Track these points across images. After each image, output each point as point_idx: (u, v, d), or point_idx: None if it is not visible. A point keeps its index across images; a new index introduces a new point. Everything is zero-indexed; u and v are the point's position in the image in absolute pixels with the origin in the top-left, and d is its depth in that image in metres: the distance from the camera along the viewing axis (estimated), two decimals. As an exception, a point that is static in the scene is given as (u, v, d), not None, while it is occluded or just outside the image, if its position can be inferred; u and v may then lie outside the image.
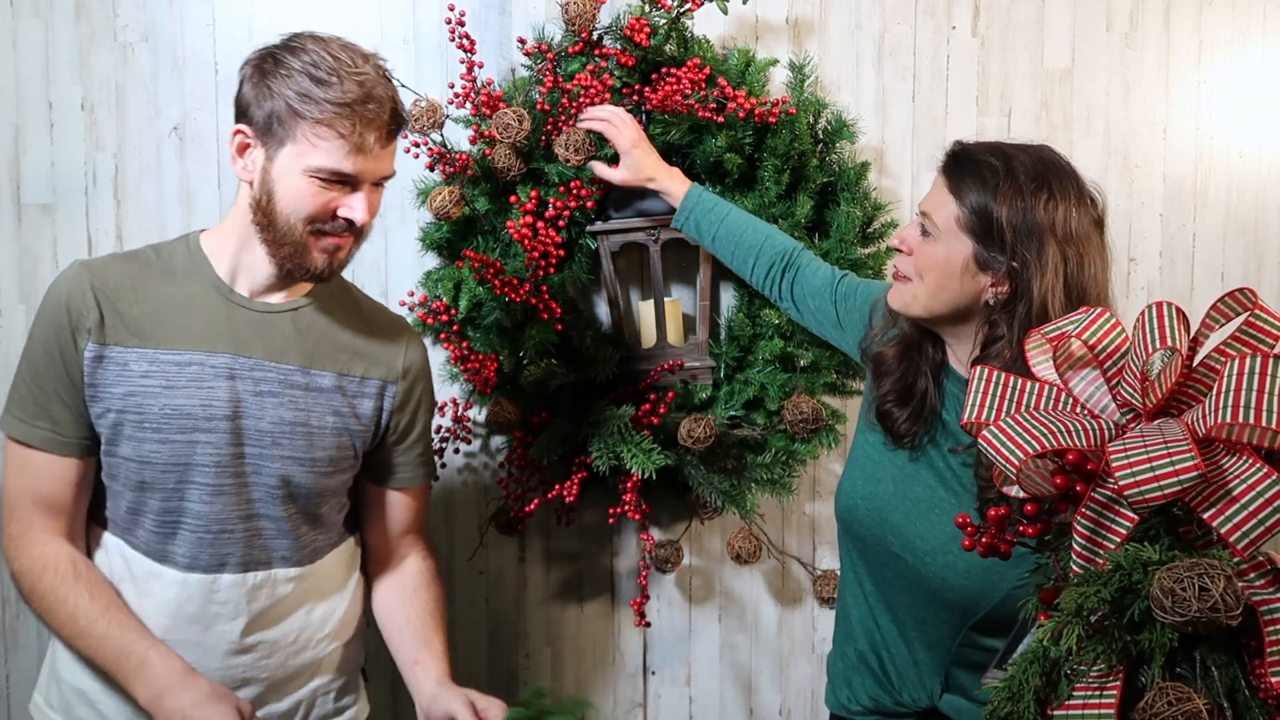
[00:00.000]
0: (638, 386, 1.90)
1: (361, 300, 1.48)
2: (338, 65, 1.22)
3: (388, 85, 1.27)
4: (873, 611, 1.42)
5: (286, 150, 1.23)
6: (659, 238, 1.87)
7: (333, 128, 1.21)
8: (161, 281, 1.31)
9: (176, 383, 1.28)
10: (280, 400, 1.32)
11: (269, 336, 1.33)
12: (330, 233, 1.28)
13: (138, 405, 1.27)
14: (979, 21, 2.01)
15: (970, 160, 1.29)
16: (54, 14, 1.92)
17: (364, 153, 1.23)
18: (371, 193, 1.29)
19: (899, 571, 1.36)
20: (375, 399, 1.41)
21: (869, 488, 1.40)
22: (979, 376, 1.02)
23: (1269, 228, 2.08)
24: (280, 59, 1.24)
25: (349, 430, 1.38)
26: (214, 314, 1.31)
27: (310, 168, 1.23)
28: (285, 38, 1.28)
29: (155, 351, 1.28)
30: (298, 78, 1.21)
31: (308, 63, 1.22)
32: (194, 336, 1.29)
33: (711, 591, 2.10)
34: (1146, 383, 0.88)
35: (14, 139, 1.93)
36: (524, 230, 1.83)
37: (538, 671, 2.09)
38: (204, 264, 1.33)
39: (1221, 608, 0.77)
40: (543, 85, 1.84)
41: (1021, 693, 0.88)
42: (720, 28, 1.96)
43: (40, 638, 2.02)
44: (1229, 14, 2.03)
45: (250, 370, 1.31)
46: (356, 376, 1.39)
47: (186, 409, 1.28)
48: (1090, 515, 0.88)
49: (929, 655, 1.36)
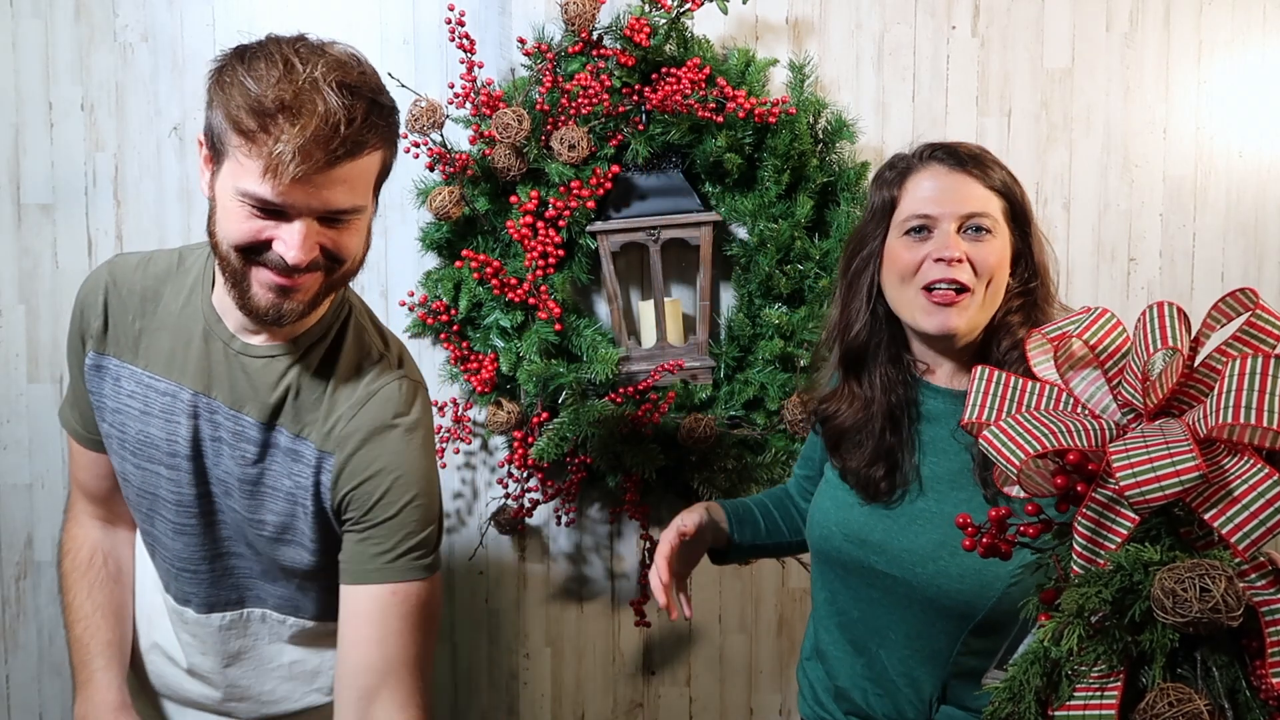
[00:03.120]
0: (638, 386, 1.90)
1: (351, 351, 1.22)
2: (269, 69, 0.99)
3: (341, 96, 1.00)
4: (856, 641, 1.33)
5: (225, 168, 1.04)
6: (659, 238, 1.86)
7: (254, 142, 0.99)
8: (172, 296, 1.21)
9: (151, 409, 1.20)
10: (233, 452, 1.19)
11: (235, 380, 1.18)
12: (269, 265, 1.06)
13: (120, 424, 1.22)
14: (979, 21, 2.01)
15: (972, 153, 1.28)
16: (54, 14, 1.92)
17: (283, 175, 0.98)
18: (322, 228, 1.05)
19: (888, 589, 1.28)
20: (312, 467, 1.18)
21: (841, 514, 1.32)
22: (979, 376, 1.02)
23: (1269, 228, 2.08)
24: (229, 64, 1.04)
25: (299, 501, 1.19)
26: (193, 343, 1.19)
27: (239, 189, 1.02)
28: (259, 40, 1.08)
29: (143, 373, 1.20)
30: (235, 87, 1.00)
31: (247, 70, 1.01)
32: (176, 365, 1.19)
33: (711, 591, 2.10)
34: (1147, 383, 0.88)
35: (14, 139, 1.93)
36: (524, 230, 1.83)
37: (538, 671, 2.09)
38: (204, 285, 1.20)
39: (1223, 608, 0.77)
40: (542, 85, 1.84)
41: (1022, 693, 0.88)
42: (720, 28, 1.96)
43: (40, 638, 2.02)
44: (1229, 14, 2.03)
45: (210, 413, 1.18)
46: (304, 438, 1.18)
47: (155, 439, 1.20)
48: (1091, 515, 0.88)
49: (927, 670, 1.28)
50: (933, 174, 1.27)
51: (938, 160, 1.27)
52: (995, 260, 1.23)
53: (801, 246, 1.87)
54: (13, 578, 2.02)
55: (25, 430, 1.99)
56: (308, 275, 1.07)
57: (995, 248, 1.23)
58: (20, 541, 2.01)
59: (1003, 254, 1.24)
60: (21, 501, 2.01)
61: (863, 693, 1.32)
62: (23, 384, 1.99)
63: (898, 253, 1.26)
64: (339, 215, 1.05)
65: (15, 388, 1.99)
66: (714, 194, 1.91)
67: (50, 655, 2.03)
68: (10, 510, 2.01)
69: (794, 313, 1.90)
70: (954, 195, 1.25)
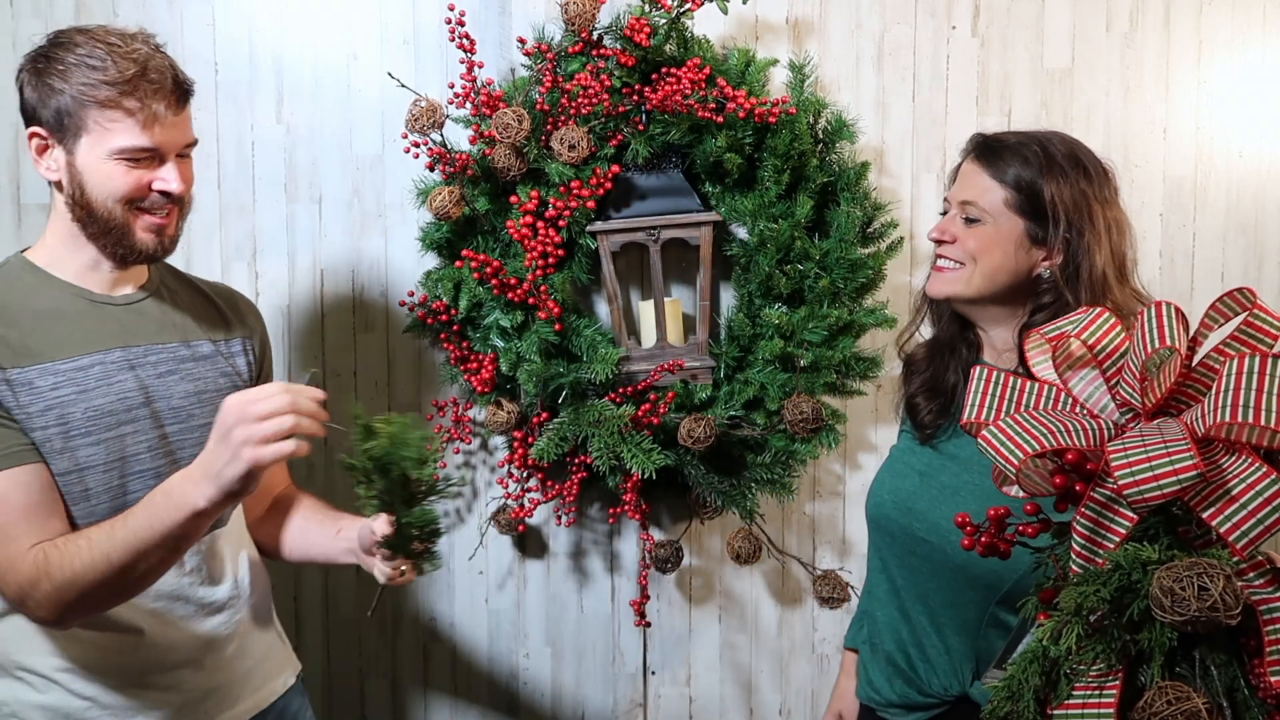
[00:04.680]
0: (638, 386, 1.90)
1: (192, 275, 1.54)
2: (109, 50, 1.25)
3: (162, 56, 1.30)
4: (903, 607, 1.47)
5: (84, 141, 1.26)
6: (659, 238, 1.87)
7: (119, 107, 1.25)
8: (20, 305, 1.30)
9: (87, 385, 1.29)
10: (180, 375, 1.38)
11: (142, 324, 1.37)
12: (149, 209, 1.31)
13: (59, 417, 1.26)
14: (979, 21, 2.01)
15: (1005, 146, 1.40)
16: (54, 14, 1.92)
17: (158, 123, 1.27)
18: (180, 163, 1.32)
19: (926, 556, 1.42)
20: (244, 355, 1.49)
21: (895, 483, 1.49)
22: (978, 376, 1.02)
23: (1269, 228, 2.08)
24: (53, 56, 1.27)
25: (239, 389, 1.42)
26: (85, 317, 1.33)
27: (112, 150, 1.26)
28: (51, 36, 1.30)
29: (53, 364, 1.27)
30: (75, 71, 1.24)
31: (81, 55, 1.25)
32: (80, 342, 1.30)
33: (711, 591, 2.10)
34: (1145, 382, 0.89)
35: (14, 139, 1.93)
36: (524, 230, 1.83)
37: (538, 671, 2.10)
38: (48, 278, 1.33)
39: (1220, 607, 0.77)
40: (542, 85, 1.84)
41: (1021, 692, 0.88)
42: (720, 28, 1.96)
43: (40, 638, 2.02)
44: (1229, 14, 2.03)
45: (144, 356, 1.35)
46: (224, 339, 1.46)
47: (106, 407, 1.29)
48: (1089, 515, 0.88)
49: (960, 640, 1.40)
50: (966, 161, 1.45)
51: (971, 148, 1.45)
52: (977, 245, 1.39)
53: (801, 246, 1.88)
54: (13, 577, 2.02)
55: (26, 430, 2.00)
56: (174, 209, 1.33)
57: (983, 234, 1.39)
58: (21, 541, 2.02)
59: (993, 240, 1.38)
60: (22, 501, 2.01)
61: (906, 657, 1.46)
62: (23, 384, 1.99)
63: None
64: (188, 148, 1.34)
65: (16, 388, 1.99)
66: (714, 194, 1.92)
67: (51, 655, 2.03)
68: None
69: (794, 313, 1.90)
70: (962, 183, 1.43)
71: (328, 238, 1.99)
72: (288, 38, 1.94)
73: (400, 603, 2.06)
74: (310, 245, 1.99)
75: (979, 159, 1.42)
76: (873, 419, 2.08)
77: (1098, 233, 1.35)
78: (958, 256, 1.41)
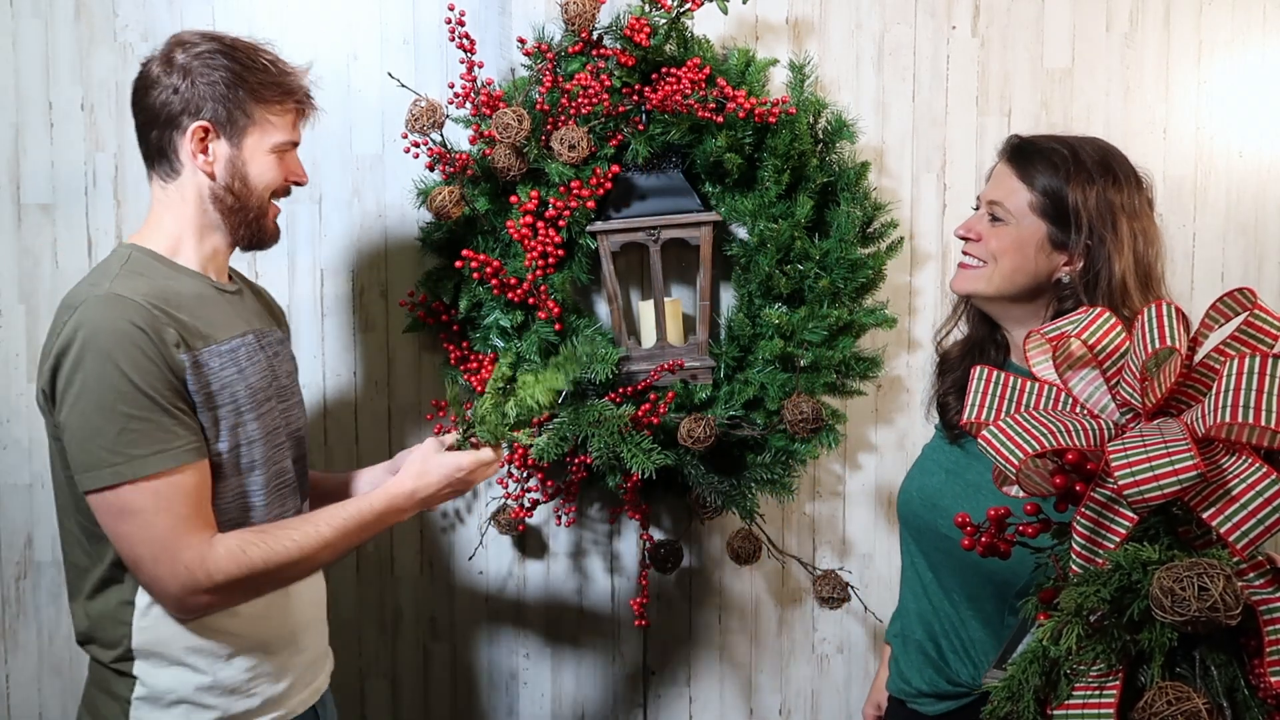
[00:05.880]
0: (638, 386, 1.90)
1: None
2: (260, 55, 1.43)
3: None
4: (931, 600, 1.51)
5: (252, 136, 1.40)
6: (659, 238, 1.87)
7: (283, 105, 1.43)
8: (176, 291, 1.36)
9: (241, 365, 1.39)
10: (283, 357, 1.52)
11: (249, 311, 1.48)
12: (278, 198, 1.47)
13: (231, 396, 1.36)
14: (979, 21, 2.01)
15: (1036, 150, 1.42)
16: (54, 14, 1.92)
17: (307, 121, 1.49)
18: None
19: (949, 551, 1.45)
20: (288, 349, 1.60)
21: (923, 480, 1.53)
22: (979, 377, 1.02)
23: (1269, 228, 2.08)
24: (213, 62, 1.39)
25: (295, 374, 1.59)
26: (219, 303, 1.42)
27: (274, 144, 1.42)
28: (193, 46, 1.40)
29: (217, 346, 1.36)
30: (249, 73, 1.39)
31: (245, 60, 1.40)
32: (225, 325, 1.40)
33: (711, 591, 2.10)
34: (1146, 382, 0.89)
35: (14, 139, 1.94)
36: (524, 230, 1.83)
37: (538, 671, 2.10)
38: (176, 266, 1.40)
39: (1221, 607, 0.77)
40: (542, 85, 1.84)
41: (1021, 692, 0.88)
42: (720, 28, 1.96)
43: (40, 637, 2.03)
44: (1229, 14, 2.03)
45: (265, 338, 1.47)
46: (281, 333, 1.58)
47: (258, 384, 1.41)
48: (1090, 515, 0.88)
49: (984, 633, 1.44)
50: (1000, 162, 1.47)
51: (1005, 150, 1.47)
52: (998, 245, 1.41)
53: (801, 246, 1.88)
54: (13, 578, 2.02)
55: (25, 430, 2.00)
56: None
57: (1005, 234, 1.41)
58: (20, 541, 2.02)
59: (1015, 242, 1.40)
60: (21, 501, 2.01)
61: (937, 647, 1.50)
62: (22, 384, 1.99)
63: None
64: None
65: (15, 388, 1.99)
66: (714, 194, 1.92)
67: (50, 655, 2.03)
68: (10, 510, 2.01)
69: (794, 313, 1.90)
70: (993, 183, 1.46)
71: (328, 238, 1.99)
72: (287, 38, 1.93)
73: (400, 603, 2.06)
74: (310, 245, 1.99)
75: (1010, 161, 1.44)
76: (873, 419, 2.08)
77: (1120, 241, 1.35)
78: (980, 255, 1.43)
